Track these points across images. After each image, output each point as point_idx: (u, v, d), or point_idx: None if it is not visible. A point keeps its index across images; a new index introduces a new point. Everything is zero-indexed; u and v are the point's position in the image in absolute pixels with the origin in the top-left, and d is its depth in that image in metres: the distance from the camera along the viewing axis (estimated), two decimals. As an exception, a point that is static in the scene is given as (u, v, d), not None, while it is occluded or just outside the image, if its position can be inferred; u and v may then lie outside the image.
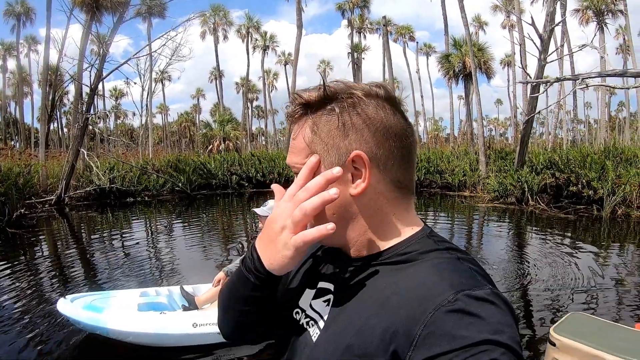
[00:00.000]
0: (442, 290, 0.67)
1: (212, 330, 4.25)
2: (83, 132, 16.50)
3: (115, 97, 62.93)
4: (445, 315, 0.63)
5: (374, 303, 0.74)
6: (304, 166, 0.81)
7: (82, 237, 10.81)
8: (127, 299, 4.66)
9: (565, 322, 3.00)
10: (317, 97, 0.81)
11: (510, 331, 0.62)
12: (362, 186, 0.80)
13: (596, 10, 31.51)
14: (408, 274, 0.75)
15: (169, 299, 4.86)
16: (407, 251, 0.79)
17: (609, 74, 8.53)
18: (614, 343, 2.68)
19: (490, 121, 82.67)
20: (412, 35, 48.92)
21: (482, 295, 0.66)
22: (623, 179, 12.26)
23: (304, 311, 0.91)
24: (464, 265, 0.74)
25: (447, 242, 0.82)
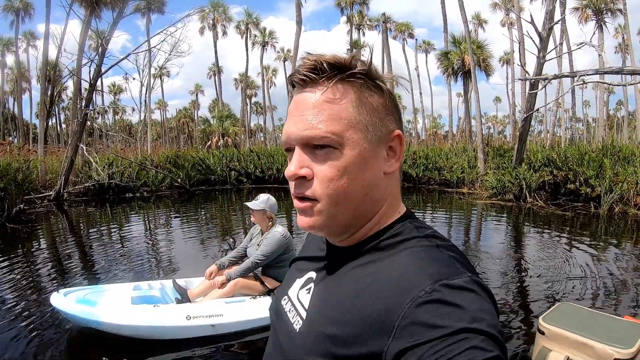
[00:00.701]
0: (420, 281, 0.67)
1: (206, 323, 4.29)
2: (82, 128, 16.49)
3: (113, 92, 62.80)
4: (423, 306, 0.64)
5: (353, 293, 0.75)
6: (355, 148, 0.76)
7: (80, 232, 10.80)
8: (120, 292, 4.66)
9: (554, 312, 3.05)
10: (365, 68, 0.78)
11: (490, 318, 0.63)
12: (396, 165, 0.82)
13: (595, 8, 31.48)
14: (388, 262, 0.75)
15: (161, 292, 4.85)
16: (389, 238, 0.80)
17: (606, 72, 8.56)
18: (601, 331, 2.73)
19: (488, 119, 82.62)
20: (412, 33, 48.90)
21: (460, 284, 0.65)
22: (620, 177, 12.30)
23: (291, 300, 0.92)
24: (442, 254, 0.74)
25: (427, 227, 0.82)
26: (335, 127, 0.75)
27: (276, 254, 4.71)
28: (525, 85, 24.34)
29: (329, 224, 0.80)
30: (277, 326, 0.94)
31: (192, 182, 20.41)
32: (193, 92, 74.02)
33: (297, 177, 0.79)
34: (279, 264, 4.85)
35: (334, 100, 0.76)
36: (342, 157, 0.76)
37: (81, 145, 16.37)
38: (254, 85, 65.18)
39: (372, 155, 0.78)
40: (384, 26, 34.58)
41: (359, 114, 0.77)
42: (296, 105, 0.79)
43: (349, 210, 0.79)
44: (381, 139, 0.79)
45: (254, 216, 4.86)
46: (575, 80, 8.88)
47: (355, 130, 0.76)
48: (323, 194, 0.77)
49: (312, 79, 0.77)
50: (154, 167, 20.26)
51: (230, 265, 5.00)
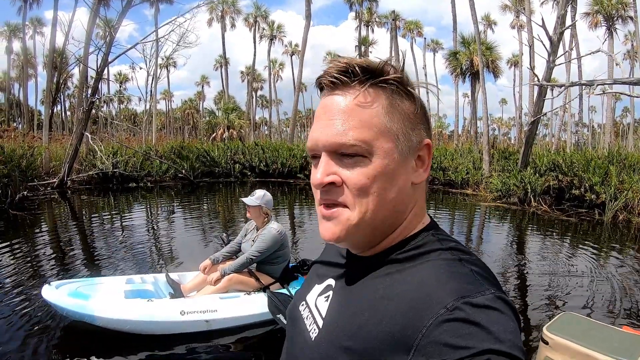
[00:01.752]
0: (441, 297, 0.65)
1: (200, 318, 4.27)
2: (87, 116, 16.50)
3: (119, 81, 62.85)
4: (444, 325, 0.61)
5: (372, 305, 0.73)
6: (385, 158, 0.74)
7: (81, 221, 10.81)
8: (113, 286, 4.61)
9: (557, 322, 3.05)
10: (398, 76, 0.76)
11: (513, 338, 0.60)
12: (424, 175, 0.80)
13: (606, 14, 31.32)
14: (408, 275, 0.73)
15: (155, 287, 4.83)
16: (411, 249, 0.77)
17: (624, 82, 8.47)
18: (604, 343, 2.74)
19: (493, 120, 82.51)
20: (420, 31, 48.76)
21: (483, 302, 0.63)
22: (626, 184, 12.25)
23: (309, 306, 0.90)
24: (465, 268, 0.71)
25: (451, 240, 0.79)
26: (366, 135, 0.72)
27: (271, 250, 4.71)
28: (533, 89, 24.27)
29: (355, 234, 0.77)
30: (292, 332, 0.92)
31: (196, 174, 20.46)
32: (199, 84, 74.04)
33: (324, 185, 0.75)
34: (273, 260, 4.86)
35: (366, 105, 0.73)
36: (371, 165, 0.73)
37: (86, 134, 16.39)
38: (260, 78, 65.14)
39: (401, 166, 0.76)
40: (394, 24, 34.47)
41: (391, 122, 0.74)
42: (325, 109, 0.76)
43: (375, 221, 0.76)
44: (411, 149, 0.77)
45: (249, 212, 4.85)
46: (592, 89, 8.80)
47: (386, 139, 0.74)
48: (353, 202, 0.74)
49: (344, 82, 0.74)
50: (158, 157, 20.28)
51: (224, 260, 5.01)
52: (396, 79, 0.75)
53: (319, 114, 0.77)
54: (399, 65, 0.78)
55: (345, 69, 0.74)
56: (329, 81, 0.75)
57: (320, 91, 0.80)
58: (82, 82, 17.98)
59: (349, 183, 0.74)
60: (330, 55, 62.91)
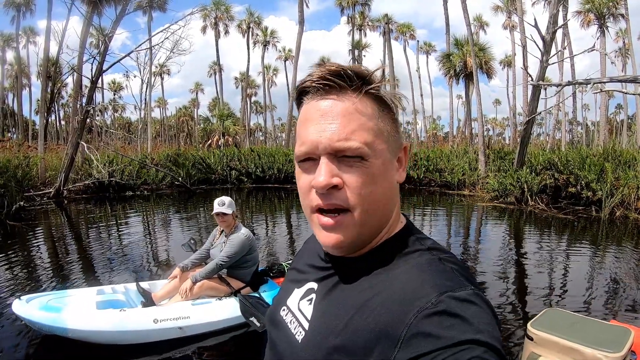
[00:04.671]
0: (425, 293, 0.68)
1: (173, 325, 4.29)
2: (83, 125, 16.44)
3: (114, 90, 62.76)
4: (428, 318, 0.65)
5: (358, 303, 0.75)
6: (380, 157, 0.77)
7: (75, 232, 10.73)
8: (84, 297, 4.59)
9: (542, 317, 3.09)
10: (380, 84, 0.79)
11: (492, 330, 0.64)
12: (404, 175, 0.85)
13: (598, 13, 31.47)
14: (391, 275, 0.76)
15: (126, 296, 4.82)
16: (393, 249, 0.80)
17: (620, 79, 8.52)
18: (589, 336, 2.77)
19: (487, 121, 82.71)
20: (413, 34, 48.77)
21: (464, 296, 0.67)
22: (622, 181, 12.30)
23: (290, 310, 0.91)
24: (445, 266, 0.75)
25: (427, 239, 0.83)
26: (367, 138, 0.75)
27: (240, 255, 4.76)
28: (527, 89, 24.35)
29: (357, 237, 0.78)
30: (276, 337, 0.92)
31: (193, 181, 20.45)
32: (193, 90, 74.03)
33: (328, 188, 0.75)
34: (243, 264, 4.90)
35: (364, 109, 0.76)
36: (370, 165, 0.76)
37: (82, 143, 16.32)
38: (254, 84, 65.17)
39: (391, 165, 0.81)
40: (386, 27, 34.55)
41: (383, 124, 0.79)
42: (322, 113, 0.76)
43: (374, 221, 0.79)
44: (396, 149, 0.83)
45: (223, 220, 4.85)
46: (590, 87, 8.84)
47: (381, 141, 0.78)
48: (357, 202, 0.76)
49: (340, 86, 0.76)
50: (154, 165, 20.24)
51: (193, 267, 5.03)
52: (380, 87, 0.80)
53: (314, 117, 0.77)
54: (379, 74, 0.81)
55: (339, 73, 0.75)
56: (322, 84, 0.76)
57: (300, 95, 0.81)
58: (77, 91, 17.97)
59: (351, 184, 0.75)
60: (325, 60, 63.08)
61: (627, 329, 2.88)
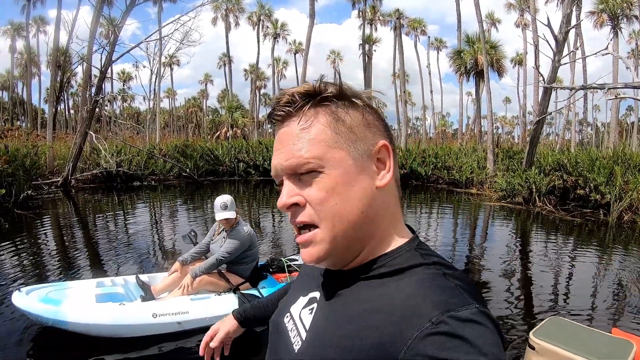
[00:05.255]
0: (426, 311, 0.66)
1: (172, 320, 4.32)
2: (92, 115, 16.51)
3: (123, 80, 62.92)
4: (429, 338, 0.62)
5: (357, 318, 0.73)
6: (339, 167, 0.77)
7: (84, 221, 10.81)
8: (84, 290, 4.61)
9: (544, 327, 3.06)
10: (335, 91, 0.79)
11: (496, 351, 0.61)
12: (388, 177, 0.80)
13: (611, 13, 31.23)
14: (392, 289, 0.73)
15: (125, 289, 4.85)
16: (394, 263, 0.78)
17: (635, 86, 8.41)
18: (591, 348, 2.75)
19: (497, 119, 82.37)
20: (424, 30, 48.70)
21: (467, 316, 0.64)
22: (631, 185, 12.20)
23: (293, 318, 0.91)
24: (449, 282, 0.72)
25: (434, 255, 0.80)
26: (316, 151, 0.76)
27: (240, 251, 4.78)
28: (538, 88, 24.19)
29: (333, 251, 0.78)
30: (277, 343, 0.92)
31: (200, 173, 20.49)
32: (202, 82, 74.12)
33: (288, 207, 0.79)
34: (242, 260, 4.92)
35: (309, 126, 0.78)
36: (327, 177, 0.76)
37: (90, 132, 16.39)
38: (264, 76, 65.15)
39: (359, 171, 0.78)
40: (397, 22, 34.40)
41: (337, 134, 0.78)
42: (279, 140, 0.81)
43: (348, 232, 0.78)
44: (365, 153, 0.79)
45: (225, 223, 4.85)
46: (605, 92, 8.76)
47: (336, 150, 0.77)
48: (319, 217, 0.77)
49: (288, 113, 0.80)
50: (162, 156, 20.30)
51: (193, 261, 5.04)
52: (333, 94, 0.79)
53: (275, 145, 0.82)
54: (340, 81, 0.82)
55: (289, 100, 0.79)
56: (277, 116, 0.81)
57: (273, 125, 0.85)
58: (86, 80, 18.00)
59: (311, 200, 0.77)
60: (334, 54, 62.96)
61: (629, 342, 2.86)
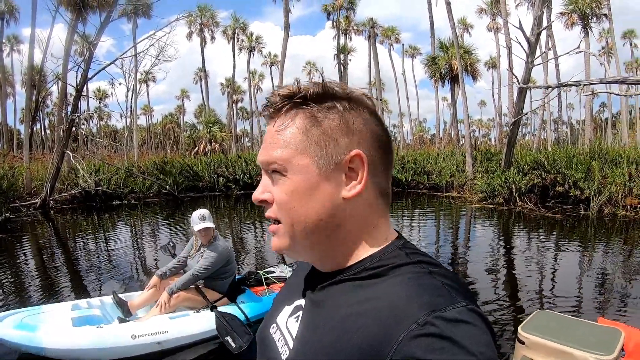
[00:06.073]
0: (412, 312, 0.64)
1: (152, 340, 4.23)
2: (68, 134, 16.28)
3: (99, 98, 62.30)
4: (416, 340, 0.61)
5: (343, 321, 0.71)
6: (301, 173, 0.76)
7: (63, 242, 10.64)
8: (60, 313, 4.48)
9: (532, 320, 3.07)
10: (316, 91, 0.77)
11: (486, 350, 0.60)
12: (358, 188, 0.76)
13: (581, 13, 31.90)
14: (378, 290, 0.71)
15: (102, 311, 4.74)
16: (378, 265, 0.76)
17: (609, 81, 8.59)
18: (580, 338, 2.77)
19: (474, 122, 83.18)
20: (398, 37, 49.03)
21: (455, 316, 0.62)
22: (609, 179, 12.43)
23: (279, 328, 0.89)
24: (436, 281, 0.70)
25: (419, 253, 0.78)
26: (283, 154, 0.76)
27: (217, 266, 4.72)
28: (512, 90, 24.53)
29: (293, 247, 0.80)
30: (263, 355, 0.90)
31: (180, 189, 20.27)
32: (179, 97, 73.72)
33: (259, 201, 0.81)
34: (220, 276, 4.86)
35: (283, 128, 0.78)
36: (289, 181, 0.77)
37: (67, 152, 16.17)
38: (240, 90, 65.04)
39: (322, 179, 0.76)
40: (372, 31, 34.68)
41: (308, 139, 0.76)
42: (264, 137, 0.83)
43: (307, 236, 0.78)
44: (333, 162, 0.76)
45: (203, 235, 4.81)
46: (579, 89, 8.92)
47: (303, 156, 0.76)
48: (280, 215, 0.78)
49: (270, 114, 0.81)
50: (141, 173, 20.12)
51: (171, 275, 4.96)
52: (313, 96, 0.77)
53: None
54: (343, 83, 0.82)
55: (274, 101, 0.80)
56: (265, 117, 0.82)
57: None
58: (62, 99, 17.81)
59: (274, 199, 0.78)
60: (309, 64, 63.19)
61: (617, 330, 2.89)
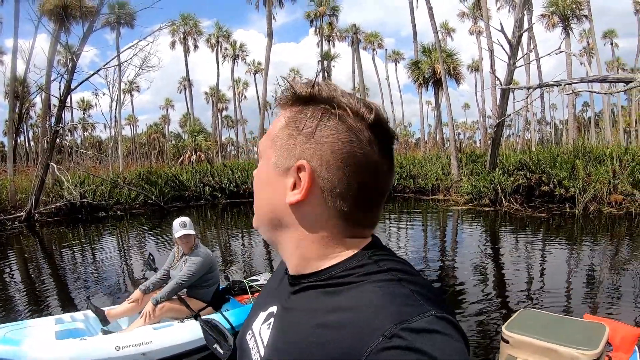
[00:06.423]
0: (379, 324, 0.61)
1: (136, 352, 4.18)
2: (52, 146, 16.14)
3: (83, 109, 61.76)
4: (382, 353, 0.58)
5: (309, 332, 0.69)
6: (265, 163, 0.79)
7: (49, 256, 10.50)
8: (43, 327, 4.42)
9: (516, 319, 3.08)
10: (303, 92, 0.74)
11: (458, 359, 0.58)
12: (297, 197, 0.73)
13: (562, 15, 32.37)
14: (344, 301, 0.68)
15: (86, 324, 4.68)
16: (345, 274, 0.72)
17: (590, 80, 8.71)
18: (564, 334, 2.79)
19: (458, 125, 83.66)
20: (381, 43, 49.33)
21: (422, 326, 0.60)
22: (593, 177, 12.59)
23: (254, 335, 0.87)
24: (404, 289, 0.66)
25: (391, 260, 0.73)
26: (263, 142, 0.81)
27: (200, 274, 4.70)
28: (496, 92, 24.74)
29: (259, 227, 0.83)
30: None
31: (167, 199, 20.12)
32: (163, 107, 73.36)
33: None
34: (203, 284, 4.83)
35: (278, 121, 0.79)
36: (258, 168, 0.82)
37: (52, 164, 16.01)
38: (225, 98, 64.86)
39: (274, 177, 0.76)
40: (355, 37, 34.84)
41: (278, 136, 0.77)
42: None
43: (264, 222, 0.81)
44: (283, 165, 0.75)
45: (183, 243, 4.80)
46: (560, 88, 9.04)
47: (271, 150, 0.78)
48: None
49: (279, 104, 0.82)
50: (127, 184, 19.97)
51: (154, 289, 4.90)
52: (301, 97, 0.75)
53: None
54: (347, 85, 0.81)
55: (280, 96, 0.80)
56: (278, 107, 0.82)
57: None
58: (45, 110, 17.65)
59: None
60: (293, 71, 63.24)
61: (601, 325, 2.90)
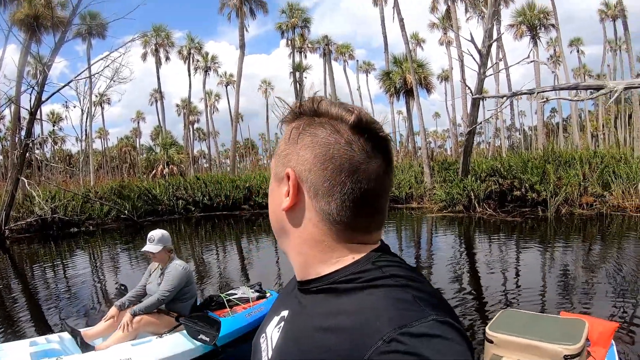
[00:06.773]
0: (379, 328, 0.61)
1: None
2: (22, 159, 15.78)
3: (53, 121, 60.56)
4: (381, 357, 0.59)
5: (312, 335, 0.70)
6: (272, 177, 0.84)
7: (21, 275, 10.22)
8: (18, 350, 4.28)
9: (498, 319, 3.17)
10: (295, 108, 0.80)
11: None
12: (287, 203, 0.77)
13: (530, 24, 33.21)
14: (347, 305, 0.69)
15: (61, 345, 4.53)
16: (347, 279, 0.73)
17: (562, 87, 8.95)
18: (546, 331, 2.88)
19: (429, 134, 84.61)
20: (352, 54, 49.67)
21: (422, 331, 0.60)
22: (564, 180, 12.87)
23: (267, 338, 0.88)
24: (407, 294, 0.67)
25: (396, 266, 0.74)
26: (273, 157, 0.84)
27: (179, 287, 4.64)
28: (466, 101, 25.13)
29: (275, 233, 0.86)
30: None
31: (140, 213, 19.78)
32: (134, 120, 72.45)
33: None
34: (181, 297, 4.75)
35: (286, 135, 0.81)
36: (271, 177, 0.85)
37: (22, 178, 15.66)
38: (197, 111, 64.40)
39: (275, 187, 0.82)
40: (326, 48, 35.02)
41: (279, 147, 0.81)
42: None
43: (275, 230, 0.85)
44: (281, 175, 0.79)
45: (156, 258, 4.74)
46: (534, 96, 9.25)
47: (274, 162, 0.82)
48: None
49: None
50: (99, 199, 19.64)
51: (130, 305, 4.77)
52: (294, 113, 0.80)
53: None
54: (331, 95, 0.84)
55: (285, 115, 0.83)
56: None
57: None
58: (15, 123, 17.27)
59: None
60: (265, 83, 63.30)
61: (581, 321, 3.01)
